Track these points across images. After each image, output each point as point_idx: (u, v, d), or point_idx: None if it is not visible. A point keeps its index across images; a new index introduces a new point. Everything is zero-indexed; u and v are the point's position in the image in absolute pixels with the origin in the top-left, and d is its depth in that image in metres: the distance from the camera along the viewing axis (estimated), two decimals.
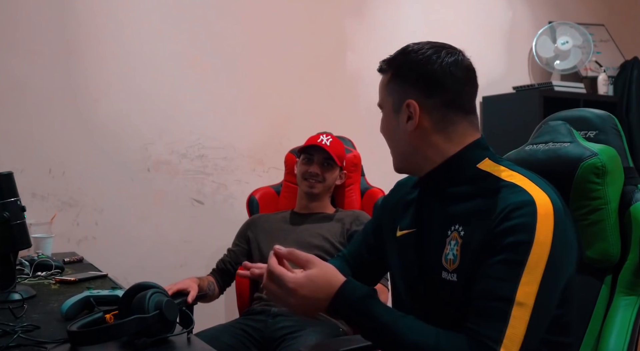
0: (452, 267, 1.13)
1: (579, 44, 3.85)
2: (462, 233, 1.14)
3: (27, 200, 1.74)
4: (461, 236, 1.13)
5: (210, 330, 2.02)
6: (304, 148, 2.30)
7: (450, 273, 1.14)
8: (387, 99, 1.26)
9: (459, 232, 1.14)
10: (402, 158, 1.28)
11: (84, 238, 2.72)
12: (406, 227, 1.31)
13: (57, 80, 2.69)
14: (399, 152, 1.28)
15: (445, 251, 1.16)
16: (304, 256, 1.16)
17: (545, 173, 1.20)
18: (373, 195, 2.54)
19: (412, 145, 1.24)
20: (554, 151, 1.38)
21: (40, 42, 2.66)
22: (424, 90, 1.20)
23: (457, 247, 1.13)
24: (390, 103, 1.25)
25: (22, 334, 1.19)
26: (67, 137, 2.70)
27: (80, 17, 2.73)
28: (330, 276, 1.14)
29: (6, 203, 1.59)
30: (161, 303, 1.17)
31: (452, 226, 1.16)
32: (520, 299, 1.03)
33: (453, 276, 1.13)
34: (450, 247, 1.15)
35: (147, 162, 2.86)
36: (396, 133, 1.25)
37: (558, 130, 1.42)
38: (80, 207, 2.73)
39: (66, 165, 2.70)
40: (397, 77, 1.24)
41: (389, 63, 1.26)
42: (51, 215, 2.47)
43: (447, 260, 1.15)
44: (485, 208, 1.12)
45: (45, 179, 2.66)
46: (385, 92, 1.27)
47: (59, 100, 2.69)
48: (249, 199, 2.56)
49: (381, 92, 1.28)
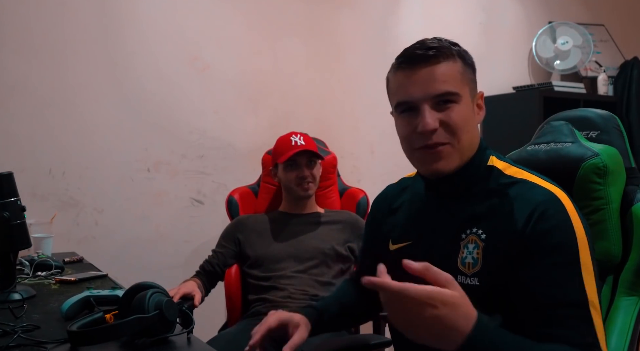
0: (471, 271, 1.11)
1: (579, 44, 3.85)
2: (482, 236, 1.12)
3: (27, 200, 1.74)
4: (482, 239, 1.11)
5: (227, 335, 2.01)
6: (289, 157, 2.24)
7: (470, 277, 1.11)
8: (465, 87, 1.18)
9: (479, 235, 1.12)
10: (468, 153, 1.19)
11: (84, 238, 2.72)
12: (401, 240, 1.28)
13: (57, 80, 2.68)
14: (472, 144, 1.20)
15: (460, 255, 1.13)
16: (444, 275, 0.94)
17: (547, 173, 1.20)
18: (353, 195, 2.56)
19: (479, 138, 1.22)
20: (555, 151, 1.38)
21: (40, 42, 2.66)
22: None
23: (478, 250, 1.11)
24: (467, 91, 1.19)
25: (22, 334, 1.19)
26: (67, 137, 2.70)
27: (80, 17, 2.73)
28: (469, 302, 0.95)
29: (6, 203, 1.59)
30: (161, 303, 1.17)
31: (468, 229, 1.14)
32: (592, 300, 1.03)
33: (473, 280, 1.10)
34: (468, 251, 1.12)
35: (147, 162, 2.85)
36: (472, 124, 1.20)
37: (560, 130, 1.42)
38: (80, 207, 2.72)
39: (66, 165, 2.70)
40: (468, 66, 1.20)
41: (458, 52, 1.20)
42: (51, 215, 2.46)
43: (464, 264, 1.13)
44: (504, 208, 1.11)
45: (45, 179, 2.65)
46: (461, 80, 1.18)
47: (59, 100, 2.69)
48: (228, 199, 2.53)
49: (455, 79, 1.17)
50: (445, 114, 1.15)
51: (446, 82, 1.15)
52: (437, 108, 1.15)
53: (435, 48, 1.16)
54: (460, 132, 1.16)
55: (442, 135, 1.15)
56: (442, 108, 1.15)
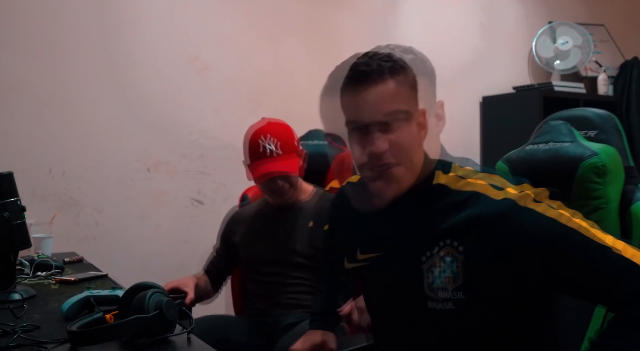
0: (453, 285, 1.09)
1: (578, 44, 3.85)
2: (460, 249, 1.09)
3: (27, 200, 1.74)
4: (460, 252, 1.09)
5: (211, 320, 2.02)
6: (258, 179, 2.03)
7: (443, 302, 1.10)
8: (415, 103, 1.15)
9: (455, 248, 1.09)
10: (420, 171, 1.17)
11: (84, 238, 2.72)
12: (368, 250, 1.24)
13: (57, 80, 2.68)
14: (423, 162, 1.17)
15: (425, 279, 1.11)
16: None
17: (546, 173, 1.20)
18: None
19: (421, 157, 1.17)
20: (554, 150, 1.38)
21: (40, 42, 2.66)
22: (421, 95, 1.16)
23: (458, 263, 1.08)
24: (419, 106, 1.15)
25: (22, 334, 1.19)
26: (67, 137, 2.70)
27: (80, 17, 2.73)
28: None
29: (6, 203, 1.59)
30: (161, 303, 1.17)
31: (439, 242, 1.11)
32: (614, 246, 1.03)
33: (457, 294, 1.09)
34: (445, 265, 1.10)
35: (147, 162, 2.86)
36: (415, 145, 1.15)
37: (559, 129, 1.42)
38: (80, 207, 2.72)
39: (66, 165, 2.70)
40: (423, 76, 1.16)
41: (407, 65, 1.15)
42: (51, 215, 2.46)
43: (443, 278, 1.10)
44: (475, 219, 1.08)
45: (45, 179, 2.66)
46: (410, 96, 1.14)
47: (59, 100, 2.69)
48: (242, 197, 2.51)
49: (404, 97, 1.13)
50: (396, 135, 1.11)
51: (395, 102, 1.11)
52: (387, 129, 1.11)
53: (381, 66, 1.12)
54: (411, 151, 1.13)
55: (392, 156, 1.12)
56: (392, 129, 1.11)
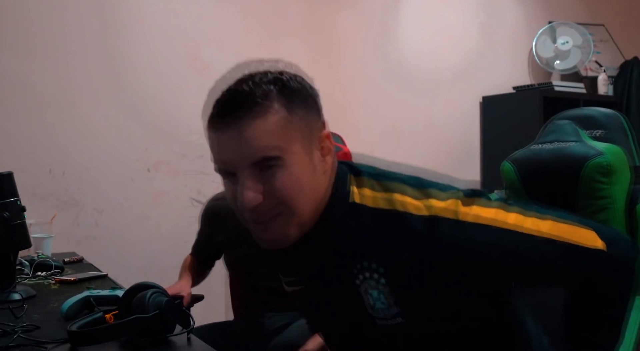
0: (389, 314, 0.99)
1: (579, 44, 3.85)
2: (381, 271, 0.97)
3: (27, 200, 1.74)
4: (383, 274, 0.97)
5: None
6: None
7: (390, 319, 0.99)
8: (293, 140, 0.95)
9: (377, 271, 0.97)
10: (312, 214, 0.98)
11: (84, 238, 2.71)
12: (293, 283, 1.15)
13: (57, 79, 2.68)
14: (316, 202, 0.98)
15: (367, 302, 0.99)
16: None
17: (551, 173, 1.19)
18: None
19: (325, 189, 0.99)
20: (559, 150, 1.37)
21: (41, 42, 2.65)
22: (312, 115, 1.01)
23: (387, 290, 0.97)
24: (298, 141, 0.95)
25: (22, 334, 1.18)
26: (67, 137, 2.70)
27: (81, 17, 2.73)
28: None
29: (6, 203, 1.58)
30: (161, 303, 1.17)
31: (357, 269, 0.99)
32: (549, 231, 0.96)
33: (397, 319, 0.99)
34: (374, 297, 0.98)
35: (147, 162, 2.85)
36: (311, 180, 0.97)
37: (564, 129, 1.41)
38: (80, 207, 2.72)
39: (66, 165, 2.69)
40: (301, 105, 0.98)
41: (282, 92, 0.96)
42: (51, 215, 2.46)
43: (376, 310, 1.00)
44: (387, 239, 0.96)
45: (45, 179, 2.65)
46: (285, 133, 0.94)
47: (59, 100, 2.68)
48: None
49: (275, 136, 0.93)
50: (269, 183, 0.93)
51: (263, 144, 0.92)
52: (260, 174, 0.94)
53: (245, 100, 0.93)
54: (291, 198, 0.94)
55: (270, 205, 0.94)
56: (266, 175, 0.93)
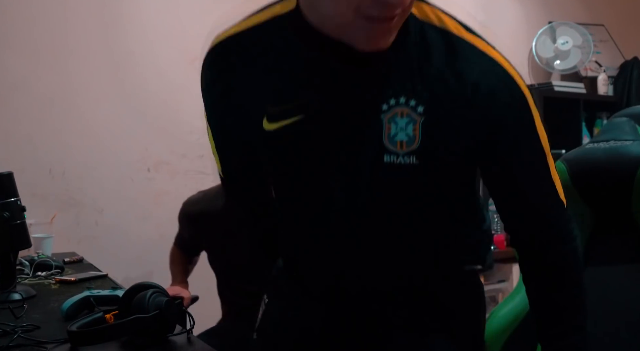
0: (405, 149, 0.92)
1: (578, 44, 3.85)
2: (419, 110, 0.92)
3: (27, 200, 1.75)
4: (419, 112, 0.92)
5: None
6: None
7: (404, 156, 0.93)
8: None
9: (413, 108, 0.92)
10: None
11: (84, 238, 2.72)
12: (283, 115, 0.97)
13: (57, 80, 2.68)
14: None
15: (386, 131, 0.92)
16: None
17: (605, 173, 1.15)
18: None
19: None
20: (614, 149, 1.29)
21: (41, 41, 2.66)
22: None
23: (416, 126, 0.92)
24: None
25: (22, 334, 1.19)
26: (67, 137, 2.70)
27: (81, 17, 2.73)
28: None
29: (6, 203, 1.59)
30: (161, 303, 1.17)
31: (392, 99, 0.92)
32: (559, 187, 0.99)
33: (409, 158, 0.93)
34: (398, 126, 0.92)
35: (147, 162, 2.86)
36: None
37: (621, 127, 1.34)
38: (80, 207, 2.72)
39: (66, 165, 2.70)
40: None
41: None
42: (51, 215, 2.46)
43: (394, 143, 0.93)
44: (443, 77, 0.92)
45: (45, 179, 2.66)
46: None
47: (59, 100, 2.69)
48: None
49: None
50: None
51: None
52: None
53: None
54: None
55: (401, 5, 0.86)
56: None
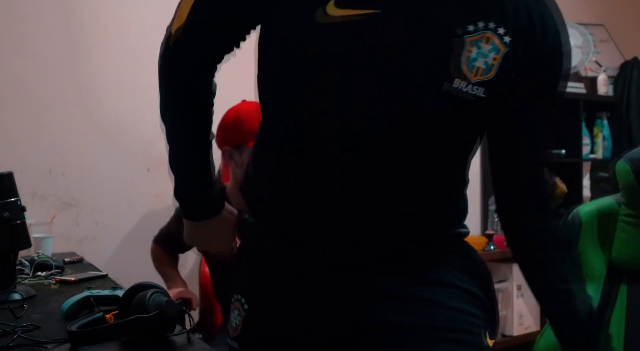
0: (477, 78, 0.84)
1: (578, 44, 3.85)
2: (506, 40, 0.85)
3: (27, 200, 1.75)
4: (505, 43, 0.85)
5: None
6: None
7: (473, 86, 0.85)
8: None
9: (500, 36, 0.85)
10: None
11: (84, 238, 2.72)
12: (354, 4, 0.84)
13: (57, 80, 2.68)
14: None
15: (467, 54, 0.84)
16: None
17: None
18: None
19: None
20: None
21: (41, 41, 2.66)
22: None
23: (496, 55, 0.85)
24: None
25: (22, 334, 1.19)
26: (67, 137, 2.70)
27: (81, 17, 2.73)
28: None
29: (6, 203, 1.58)
30: (161, 303, 1.17)
31: (480, 21, 0.85)
32: None
33: (477, 89, 0.85)
34: (478, 51, 0.84)
35: (147, 162, 2.85)
36: None
37: None
38: (80, 207, 2.72)
39: (66, 165, 2.70)
40: None
41: None
42: (51, 215, 2.46)
43: (470, 67, 0.84)
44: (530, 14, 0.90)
45: (45, 179, 2.65)
46: None
47: (60, 100, 2.69)
48: None
49: None
50: None
51: None
52: None
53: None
54: None
55: None
56: None
